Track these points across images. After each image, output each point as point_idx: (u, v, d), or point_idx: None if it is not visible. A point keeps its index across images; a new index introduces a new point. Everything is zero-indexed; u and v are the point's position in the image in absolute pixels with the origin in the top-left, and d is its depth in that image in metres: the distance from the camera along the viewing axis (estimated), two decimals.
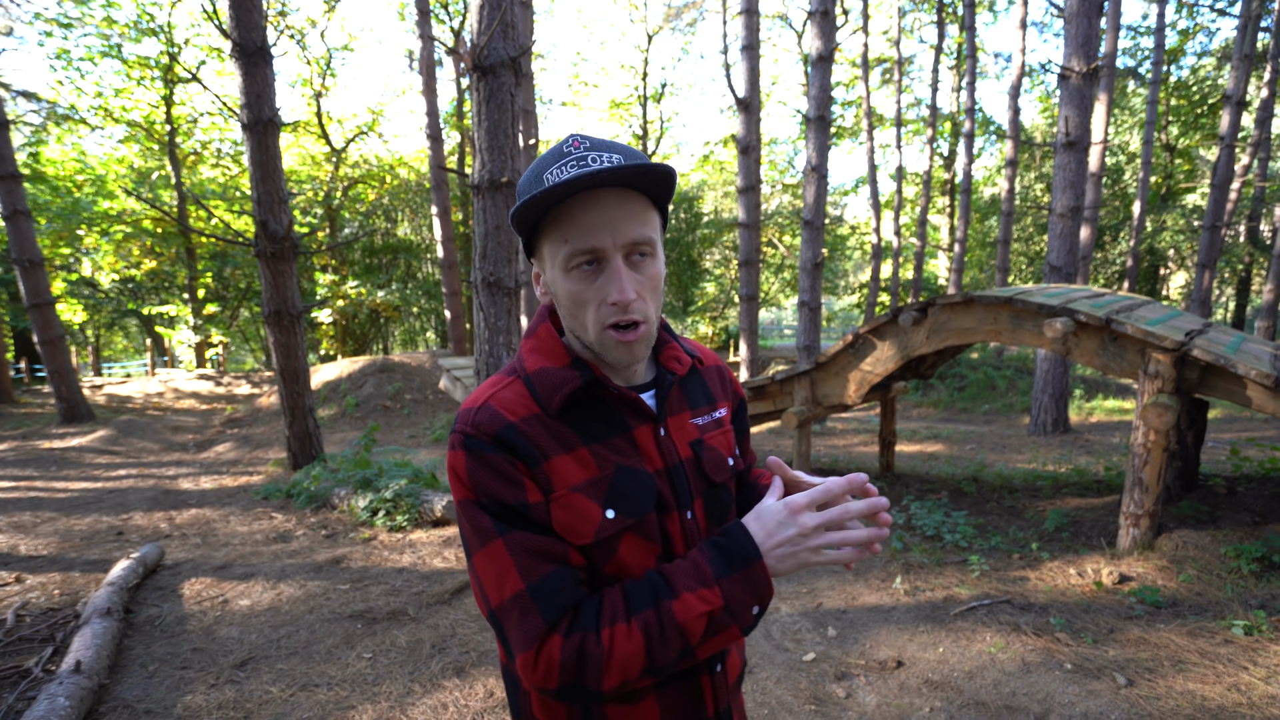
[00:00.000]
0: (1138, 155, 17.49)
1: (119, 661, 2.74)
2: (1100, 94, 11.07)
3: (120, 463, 7.81)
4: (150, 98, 16.06)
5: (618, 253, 0.70)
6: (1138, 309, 4.03)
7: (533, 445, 0.72)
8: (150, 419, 11.10)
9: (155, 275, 17.05)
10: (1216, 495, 4.24)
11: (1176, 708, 2.26)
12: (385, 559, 4.00)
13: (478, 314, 3.75)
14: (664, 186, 0.72)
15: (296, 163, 18.15)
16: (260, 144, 5.58)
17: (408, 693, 2.50)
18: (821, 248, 8.28)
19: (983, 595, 3.26)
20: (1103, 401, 10.24)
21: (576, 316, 0.73)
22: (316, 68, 17.26)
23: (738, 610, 0.69)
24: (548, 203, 0.68)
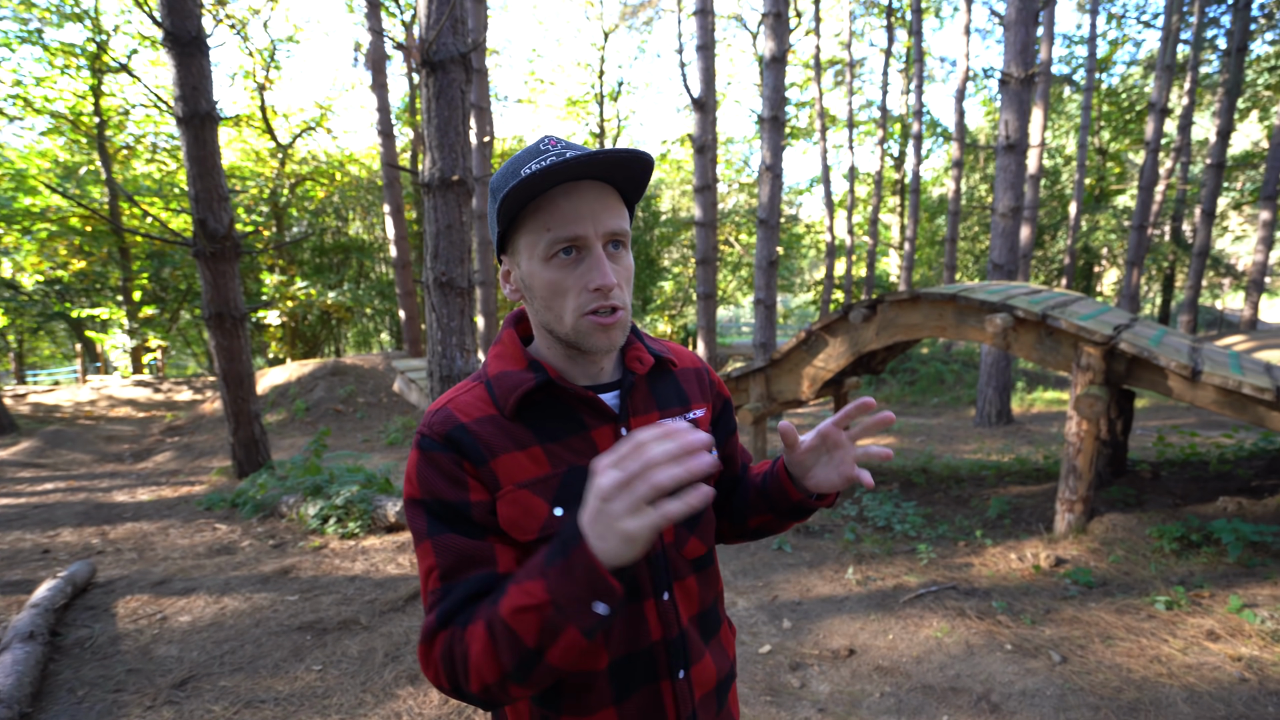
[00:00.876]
0: (1073, 158, 18.39)
1: (44, 688, 2.59)
2: (1038, 99, 11.59)
3: (47, 476, 7.37)
4: (76, 87, 15.15)
5: (599, 241, 0.73)
6: (1071, 304, 4.24)
7: (480, 444, 0.73)
8: (81, 429, 10.50)
9: (85, 276, 16.09)
10: (1142, 480, 4.50)
11: (1105, 681, 2.39)
12: (336, 567, 3.90)
13: (430, 315, 3.68)
14: (640, 179, 0.75)
15: (240, 158, 17.41)
16: (197, 138, 5.34)
17: (359, 704, 2.44)
18: (777, 246, 8.42)
19: (930, 582, 3.38)
20: (1043, 393, 10.73)
21: (553, 307, 0.75)
22: (259, 60, 16.60)
23: (569, 607, 0.59)
24: (532, 191, 0.70)
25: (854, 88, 19.07)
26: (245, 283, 16.79)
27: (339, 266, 18.27)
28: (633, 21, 22.26)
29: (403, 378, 10.96)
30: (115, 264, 16.11)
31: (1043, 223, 18.98)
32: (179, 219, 15.68)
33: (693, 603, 0.84)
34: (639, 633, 0.78)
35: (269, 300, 14.99)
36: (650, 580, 0.79)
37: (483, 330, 10.87)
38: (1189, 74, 13.91)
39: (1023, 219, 9.17)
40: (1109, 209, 17.81)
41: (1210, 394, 3.34)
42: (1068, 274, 15.79)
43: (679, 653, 0.80)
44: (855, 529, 4.28)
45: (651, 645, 0.79)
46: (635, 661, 0.78)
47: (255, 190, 16.60)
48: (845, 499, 4.97)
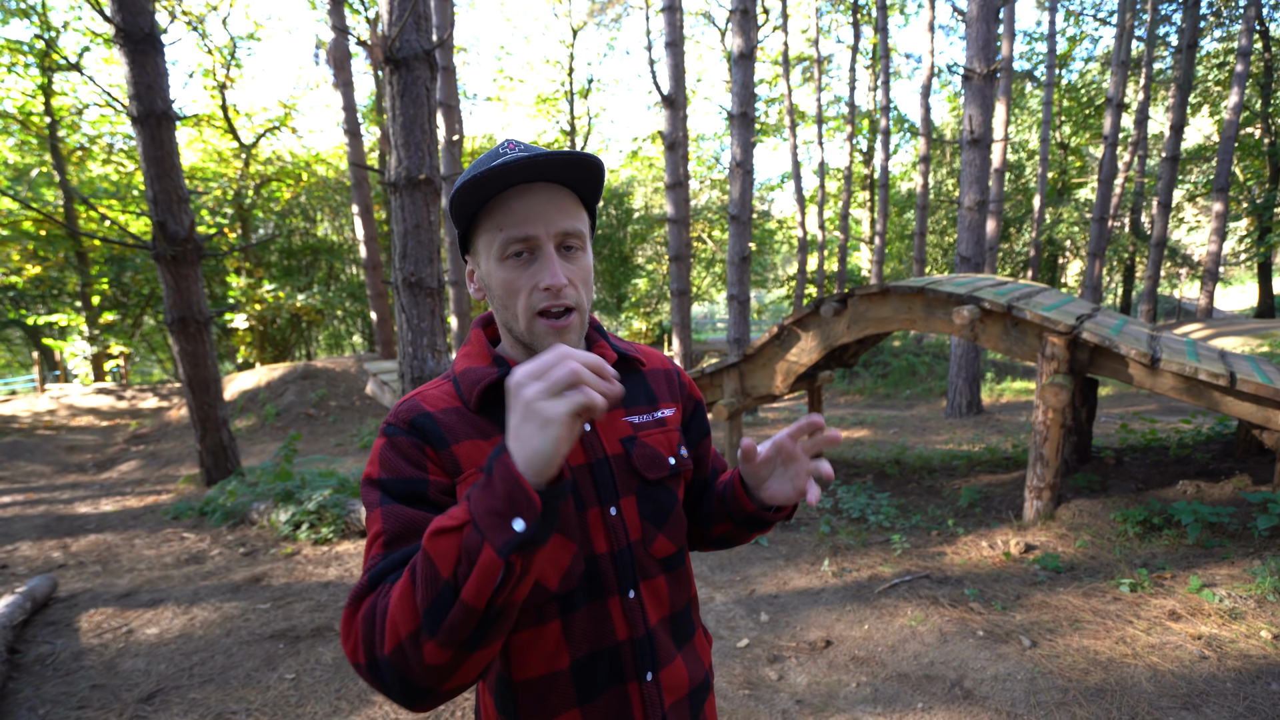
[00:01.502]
0: (1036, 152, 18.81)
1: (3, 707, 2.50)
2: (1000, 94, 11.84)
3: (4, 489, 7.10)
4: (25, 86, 14.57)
5: (550, 241, 0.73)
6: (1036, 296, 4.33)
7: (444, 429, 0.75)
8: (40, 439, 10.14)
9: (41, 282, 15.50)
10: (1106, 466, 4.63)
11: (1073, 664, 2.46)
12: (309, 573, 3.82)
13: (400, 315, 3.62)
14: (593, 182, 0.76)
15: (202, 159, 16.93)
16: (154, 139, 5.18)
17: (334, 711, 2.40)
18: (749, 242, 8.47)
19: (904, 572, 3.44)
20: (1011, 383, 10.98)
21: (509, 306, 0.76)
22: (219, 58, 16.14)
23: (485, 521, 0.55)
24: (483, 190, 0.71)
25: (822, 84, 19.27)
26: (211, 286, 16.35)
27: (308, 268, 17.91)
28: (601, 18, 22.17)
29: (375, 380, 10.78)
30: (73, 269, 15.58)
31: (1008, 216, 19.42)
32: (139, 222, 15.20)
33: (662, 604, 0.83)
34: (603, 631, 0.77)
35: (236, 304, 14.63)
36: (615, 576, 0.78)
37: (455, 330, 10.75)
38: (1144, 70, 14.32)
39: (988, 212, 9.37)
40: (1071, 202, 18.28)
41: (1169, 381, 3.44)
42: (1033, 266, 16.17)
43: (646, 653, 0.79)
44: (830, 521, 4.33)
45: (617, 644, 0.77)
46: (599, 661, 0.76)
47: (219, 191, 16.16)
48: (819, 494, 5.03)
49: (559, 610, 0.75)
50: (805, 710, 2.30)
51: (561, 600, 0.75)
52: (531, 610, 0.75)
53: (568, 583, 0.75)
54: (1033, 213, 17.09)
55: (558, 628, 0.75)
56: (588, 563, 0.77)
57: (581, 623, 0.76)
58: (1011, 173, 19.70)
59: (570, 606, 0.76)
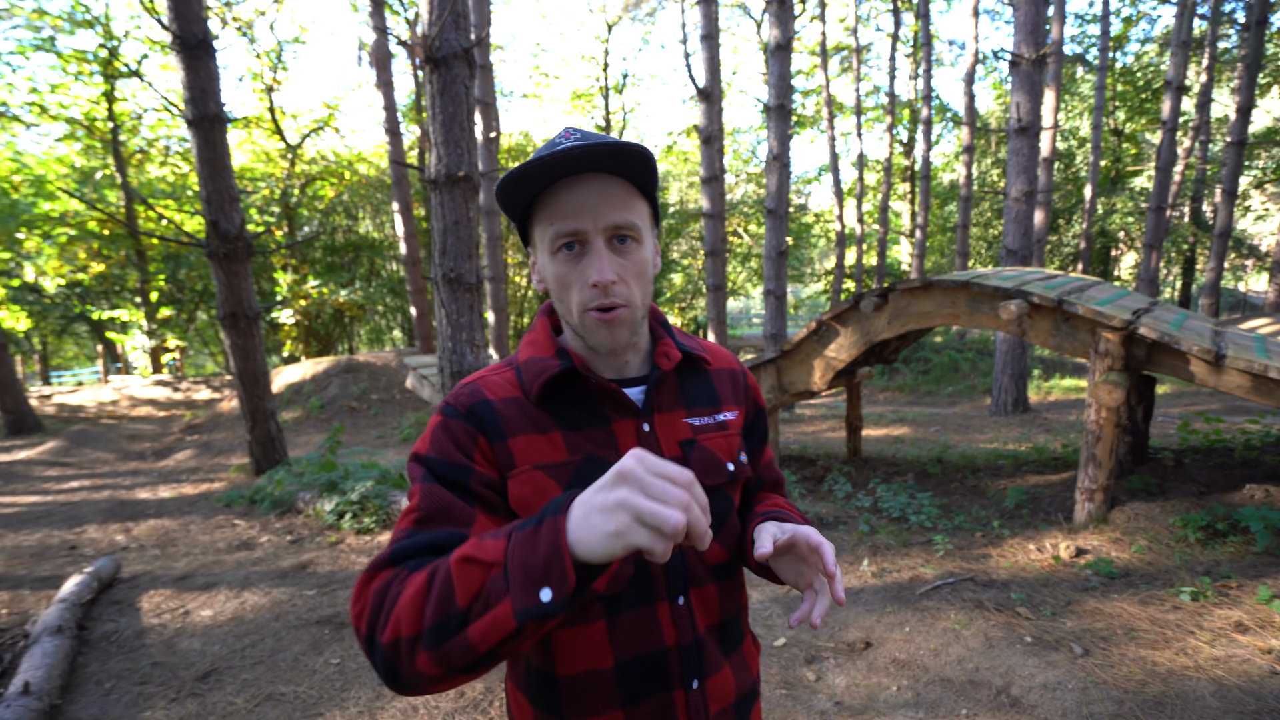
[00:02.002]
0: (1088, 139, 18.03)
1: (73, 681, 2.64)
2: (1050, 80, 11.37)
3: (72, 474, 7.50)
4: (89, 93, 15.30)
5: (599, 236, 0.71)
6: (1088, 289, 4.15)
7: (501, 420, 0.74)
8: (104, 428, 10.67)
9: (104, 279, 16.31)
10: (1165, 468, 4.42)
11: (1129, 674, 2.35)
12: (353, 562, 3.92)
13: (439, 311, 3.68)
14: (644, 170, 0.73)
15: (250, 160, 17.53)
16: (207, 140, 5.37)
17: (377, 697, 2.46)
18: (786, 236, 8.34)
19: (947, 574, 3.34)
20: (1060, 381, 10.57)
21: (563, 299, 0.75)
22: (266, 61, 16.66)
23: (515, 577, 0.53)
24: (531, 183, 0.70)
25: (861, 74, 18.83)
26: (259, 282, 16.93)
27: (350, 265, 18.38)
28: (636, 13, 22.09)
29: (415, 374, 11.01)
30: (133, 266, 16.33)
31: (1057, 207, 18.67)
32: (193, 221, 15.84)
33: (712, 612, 0.81)
34: (651, 636, 0.75)
35: (283, 299, 15.12)
36: (665, 582, 0.76)
37: (493, 325, 10.90)
38: (1207, 50, 13.56)
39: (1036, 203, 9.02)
40: (1125, 191, 17.47)
41: (1235, 379, 3.26)
42: (1083, 259, 15.52)
43: (693, 661, 0.77)
44: (870, 520, 4.24)
45: (664, 650, 0.76)
46: (645, 666, 0.75)
47: (266, 191, 16.71)
48: (860, 489, 4.93)
49: (605, 610, 0.74)
50: (844, 712, 2.26)
51: (608, 601, 0.74)
52: (576, 608, 0.74)
53: (615, 584, 0.74)
54: (1083, 203, 16.40)
55: (603, 628, 0.74)
56: (637, 565, 0.75)
57: (627, 625, 0.75)
58: (1061, 162, 18.91)
59: (617, 608, 0.75)
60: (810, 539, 0.71)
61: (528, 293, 18.98)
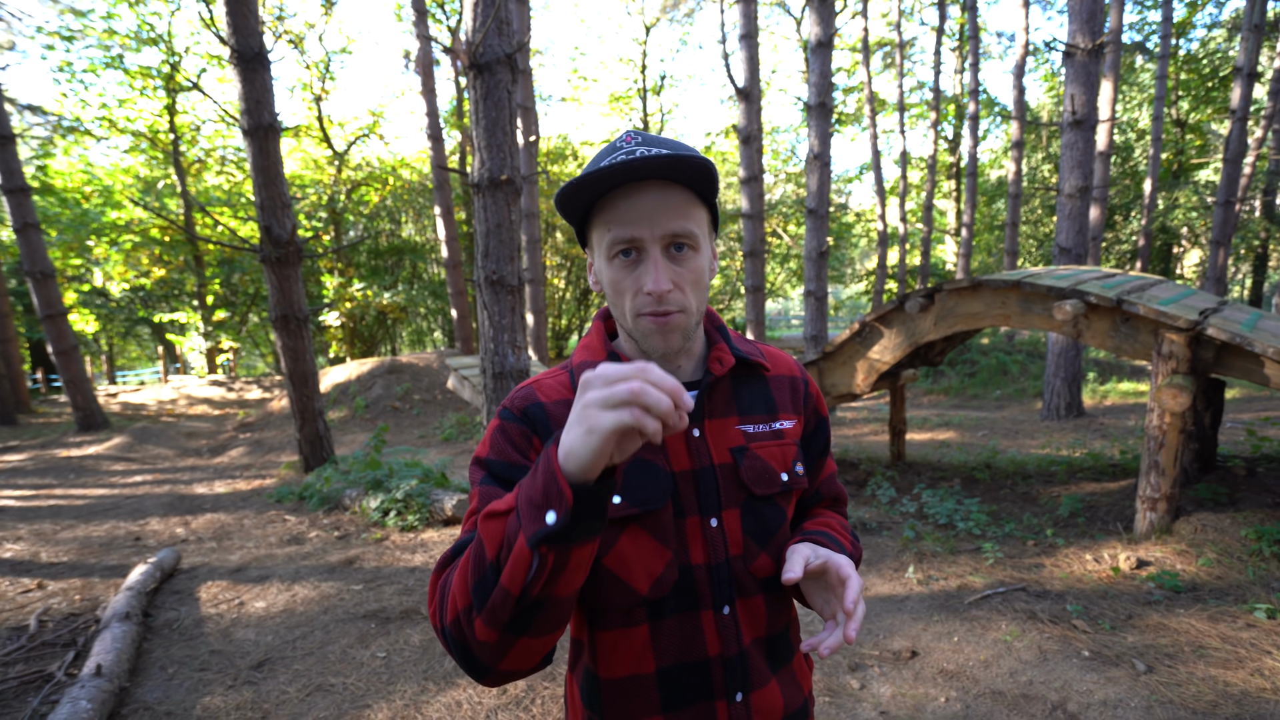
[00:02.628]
0: (1147, 132, 17.22)
1: (139, 664, 2.78)
2: (1107, 70, 10.90)
3: (136, 469, 7.90)
4: (153, 107, 16.14)
5: (656, 244, 0.72)
6: (1150, 289, 3.97)
7: (552, 422, 0.76)
8: (164, 425, 11.22)
9: (164, 283, 17.18)
10: (1235, 477, 4.18)
11: (1198, 694, 2.23)
12: (397, 559, 4.03)
13: (482, 313, 3.75)
14: (703, 179, 0.73)
15: (299, 167, 18.21)
16: (261, 149, 5.59)
17: (422, 691, 2.51)
18: (826, 236, 8.21)
19: (997, 583, 3.23)
20: (1117, 384, 10.12)
21: (617, 304, 0.77)
22: (315, 71, 17.28)
23: (525, 510, 0.57)
24: (586, 192, 0.71)
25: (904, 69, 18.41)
26: (307, 285, 17.56)
27: (393, 268, 18.88)
28: (674, 14, 22.10)
29: (456, 375, 11.23)
30: (191, 271, 17.14)
31: (1113, 203, 17.89)
32: (246, 227, 16.52)
33: (759, 624, 0.80)
34: (694, 644, 0.75)
35: (330, 302, 15.62)
36: (710, 590, 0.76)
37: (532, 327, 11.03)
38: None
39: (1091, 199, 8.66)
40: (1189, 185, 16.62)
41: None
42: (1142, 256, 14.82)
43: (737, 673, 0.76)
44: (915, 526, 4.14)
45: (707, 660, 0.75)
46: (687, 673, 0.75)
47: (314, 197, 17.31)
48: (904, 494, 4.82)
49: (648, 615, 0.74)
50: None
51: (651, 605, 0.74)
52: (620, 611, 0.74)
53: (658, 589, 0.74)
54: (1142, 198, 15.67)
55: (645, 632, 0.75)
56: (682, 572, 0.75)
57: (671, 632, 0.75)
58: (1118, 155, 18.10)
59: (660, 613, 0.75)
60: (840, 570, 0.70)
61: (565, 294, 19.16)
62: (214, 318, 17.47)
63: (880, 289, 17.54)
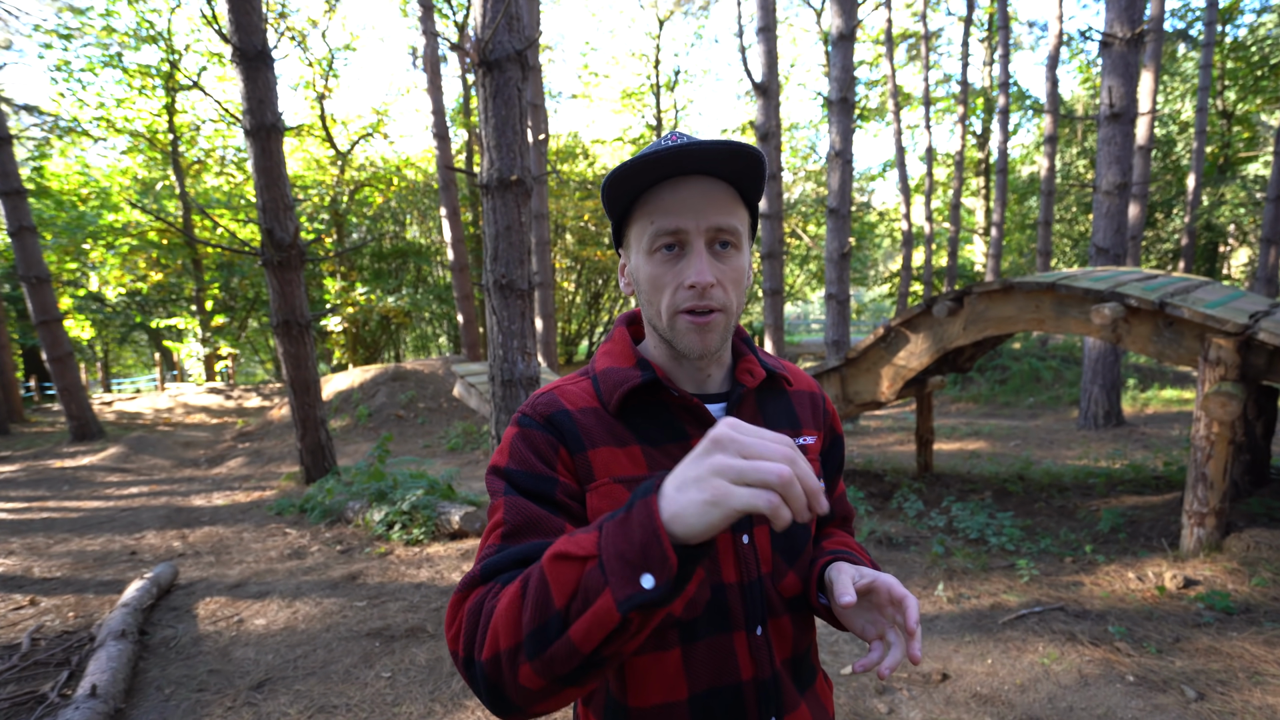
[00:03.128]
0: (1191, 124, 17.03)
1: (135, 685, 2.81)
2: (1147, 60, 10.80)
3: (132, 480, 8.01)
4: (152, 106, 16.45)
5: (700, 237, 0.73)
6: (1195, 290, 3.92)
7: (581, 432, 0.76)
8: (161, 435, 11.37)
9: (162, 288, 17.45)
10: None
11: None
12: (402, 574, 4.04)
13: (490, 318, 3.77)
14: (753, 174, 0.74)
15: (301, 167, 18.47)
16: (264, 150, 5.68)
17: (429, 713, 2.52)
18: (848, 237, 8.19)
19: (1033, 602, 3.19)
20: (1159, 391, 9.97)
21: (653, 301, 0.76)
22: (318, 69, 17.55)
23: (612, 565, 0.52)
24: (634, 181, 0.72)
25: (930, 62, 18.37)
26: (309, 290, 17.78)
27: (397, 271, 19.06)
28: (689, 7, 22.23)
29: (463, 382, 11.26)
30: (189, 275, 17.39)
31: (1154, 200, 17.68)
32: (246, 229, 16.76)
33: (786, 645, 0.80)
34: (727, 668, 0.75)
35: (332, 306, 15.80)
36: (744, 610, 0.76)
37: (541, 333, 11.08)
38: None
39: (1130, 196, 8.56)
40: (1236, 180, 16.39)
41: None
42: (1185, 256, 14.63)
43: (771, 697, 0.76)
44: (944, 541, 4.09)
45: (740, 684, 0.75)
46: (720, 699, 0.74)
47: (316, 198, 17.53)
48: (932, 508, 4.77)
49: (680, 638, 0.74)
50: None
51: (684, 628, 0.74)
52: (652, 634, 0.74)
53: (691, 610, 0.74)
54: (1185, 194, 15.47)
55: (678, 656, 0.74)
56: (714, 591, 0.75)
57: (703, 655, 0.74)
58: (1159, 150, 17.91)
59: (692, 635, 0.74)
60: (893, 590, 0.69)
61: (575, 299, 19.24)
62: (212, 323, 17.72)
63: (905, 292, 17.44)
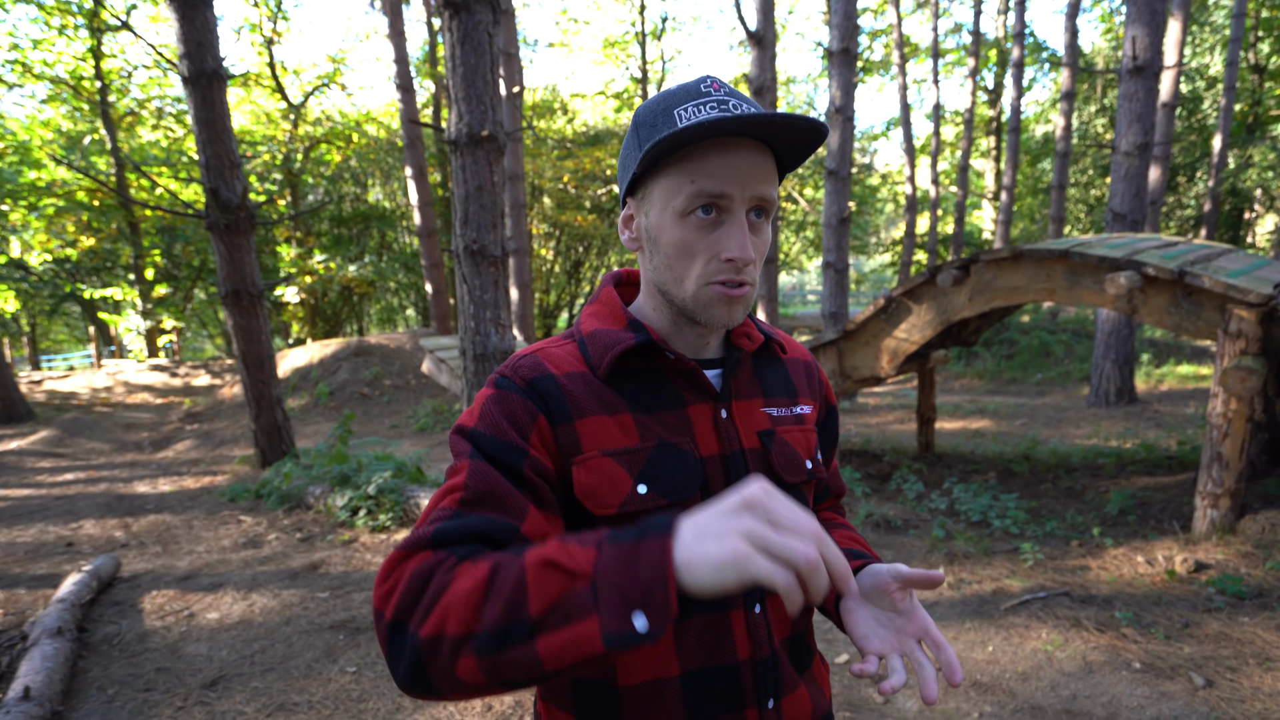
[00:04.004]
0: (1219, 80, 17.07)
1: (74, 686, 2.80)
2: (1175, 9, 10.79)
3: (67, 466, 7.91)
4: (75, 49, 15.86)
5: (744, 205, 0.72)
6: (1216, 259, 3.97)
7: (568, 399, 0.74)
8: (99, 416, 11.21)
9: (95, 254, 17.01)
10: None
11: (1265, 711, 2.27)
12: (368, 562, 4.05)
13: (460, 287, 3.73)
14: (805, 150, 0.75)
15: (250, 121, 18.00)
16: (205, 100, 5.52)
17: (397, 709, 2.54)
18: (848, 201, 8.19)
19: (1037, 587, 3.28)
20: (1175, 367, 10.17)
21: (676, 267, 0.75)
22: (266, 10, 17.01)
23: (608, 593, 0.51)
24: (689, 138, 0.70)
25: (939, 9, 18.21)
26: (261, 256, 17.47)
27: (359, 237, 18.76)
28: None
29: (432, 357, 11.22)
30: (125, 240, 16.96)
31: (1176, 162, 17.82)
32: (189, 189, 16.36)
33: (784, 624, 0.81)
34: (723, 646, 0.75)
35: (287, 275, 15.54)
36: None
37: (517, 304, 11.01)
38: None
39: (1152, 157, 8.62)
40: (1266, 141, 16.50)
41: None
42: (1208, 223, 14.81)
43: (769, 678, 0.77)
44: (945, 524, 4.18)
45: (737, 664, 0.76)
46: (715, 679, 0.75)
47: (267, 155, 17.13)
48: (933, 489, 4.85)
49: None
50: None
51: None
52: None
53: None
54: (1210, 156, 15.62)
55: (670, 632, 0.75)
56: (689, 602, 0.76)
57: (697, 632, 0.75)
58: (1184, 107, 17.96)
59: (687, 611, 0.75)
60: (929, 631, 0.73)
61: (554, 267, 19.10)
62: (154, 294, 17.36)
63: (908, 260, 17.53)
